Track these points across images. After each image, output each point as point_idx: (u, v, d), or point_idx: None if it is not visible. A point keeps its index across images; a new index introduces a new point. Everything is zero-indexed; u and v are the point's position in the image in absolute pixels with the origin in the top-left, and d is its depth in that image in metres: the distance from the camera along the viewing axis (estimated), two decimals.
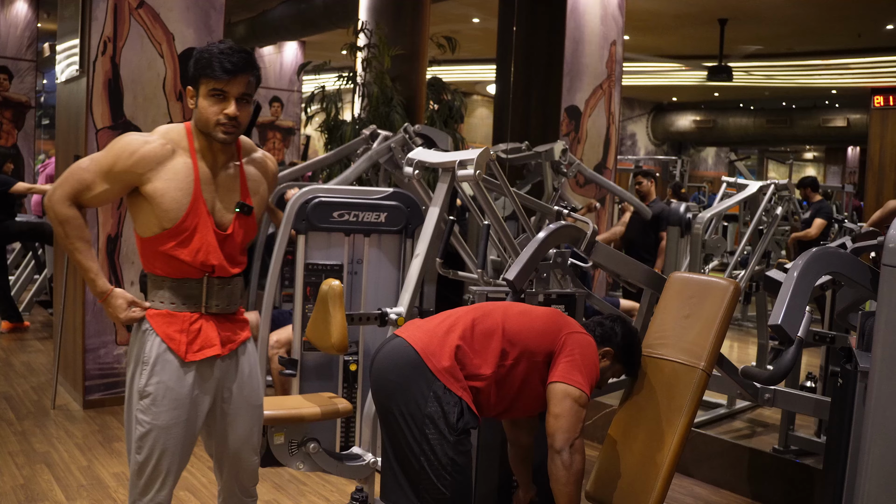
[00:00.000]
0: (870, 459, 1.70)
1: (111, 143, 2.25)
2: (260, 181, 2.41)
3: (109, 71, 4.91)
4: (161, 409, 2.27)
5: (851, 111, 18.32)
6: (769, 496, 4.02)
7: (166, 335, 2.27)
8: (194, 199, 2.23)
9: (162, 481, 2.30)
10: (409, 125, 5.11)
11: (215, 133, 2.22)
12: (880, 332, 1.66)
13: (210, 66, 2.18)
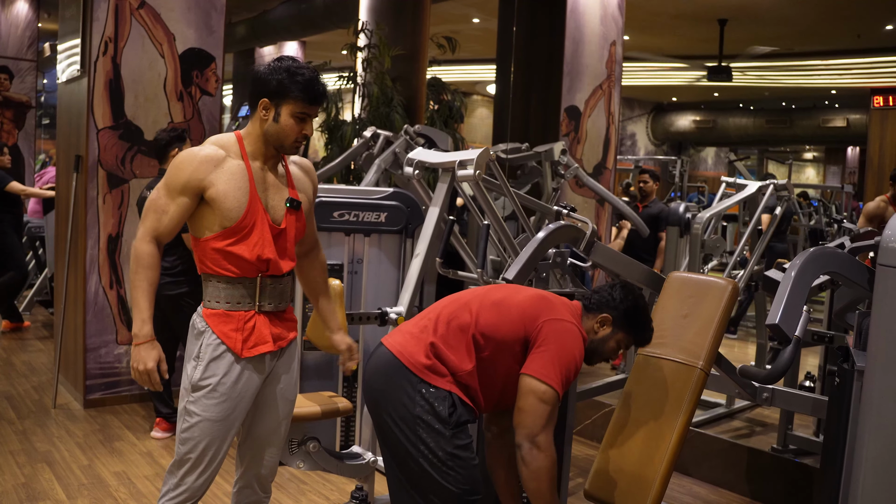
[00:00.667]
0: (865, 457, 1.71)
1: (174, 163, 2.38)
2: (304, 180, 2.57)
3: (110, 71, 4.92)
4: (212, 402, 2.38)
5: (851, 111, 18.34)
6: (768, 495, 4.03)
7: (222, 333, 2.39)
8: (251, 197, 2.38)
9: (201, 471, 2.41)
10: (409, 126, 5.12)
11: (291, 148, 2.42)
12: (875, 330, 1.68)
13: (303, 91, 2.34)
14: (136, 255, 2.34)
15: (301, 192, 2.52)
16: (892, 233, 1.65)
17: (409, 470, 2.43)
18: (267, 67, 2.38)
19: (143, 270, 2.33)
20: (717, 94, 18.77)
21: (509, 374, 2.47)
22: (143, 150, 5.03)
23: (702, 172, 22.92)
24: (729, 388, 4.28)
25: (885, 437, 1.67)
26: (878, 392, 1.68)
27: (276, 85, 2.34)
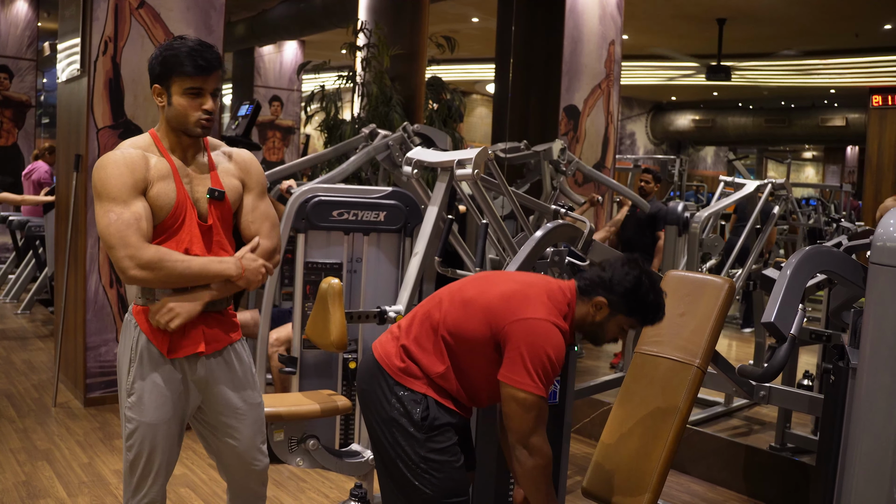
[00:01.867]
0: (858, 454, 1.73)
1: (100, 175, 2.21)
2: (230, 170, 2.40)
3: (110, 70, 4.93)
4: (147, 407, 2.28)
5: (850, 111, 18.36)
6: (766, 493, 4.05)
7: (150, 332, 2.27)
8: (179, 191, 2.26)
9: (153, 478, 2.32)
10: (409, 124, 5.13)
11: (194, 129, 2.26)
12: (868, 328, 1.69)
13: (183, 64, 2.20)
14: (153, 265, 2.16)
15: (226, 183, 2.36)
16: (884, 232, 1.67)
17: (392, 473, 2.39)
18: (153, 54, 2.26)
19: (175, 257, 2.20)
20: (716, 93, 18.79)
21: (489, 376, 2.36)
22: None
23: (701, 172, 22.94)
24: (726, 387, 4.30)
25: (876, 435, 1.69)
26: (870, 390, 1.70)
27: (159, 67, 2.23)
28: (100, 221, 2.18)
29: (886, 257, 1.66)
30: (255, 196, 2.42)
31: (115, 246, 2.15)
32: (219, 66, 2.25)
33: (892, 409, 1.67)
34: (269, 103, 13.68)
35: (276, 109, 13.77)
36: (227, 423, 2.41)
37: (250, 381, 2.46)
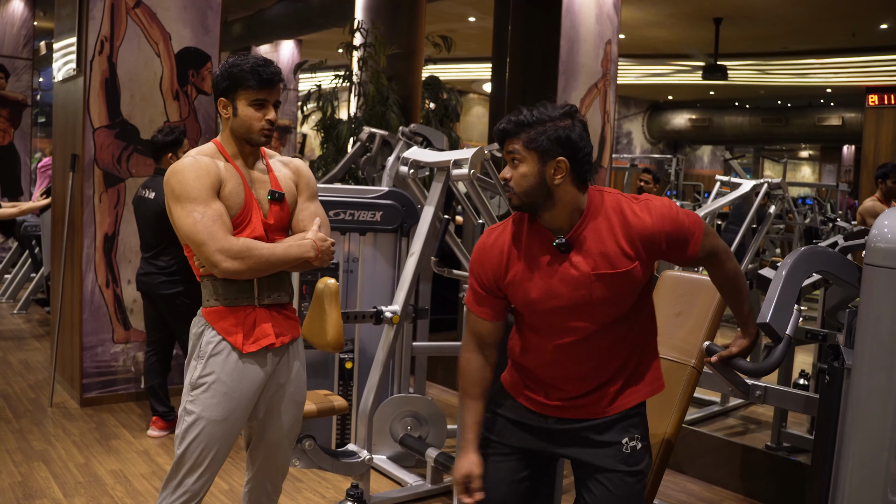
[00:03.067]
0: (852, 454, 1.73)
1: (178, 179, 2.32)
2: (286, 174, 2.56)
3: (106, 70, 4.93)
4: (212, 402, 2.37)
5: (846, 110, 18.39)
6: (762, 493, 4.06)
7: (223, 329, 2.38)
8: (247, 193, 2.41)
9: (201, 472, 2.39)
10: (404, 127, 5.15)
11: (258, 137, 2.42)
12: (862, 329, 1.70)
13: (248, 79, 2.36)
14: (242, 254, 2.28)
15: (284, 185, 2.52)
16: (878, 233, 1.67)
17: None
18: (218, 71, 2.43)
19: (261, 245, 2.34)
20: (712, 92, 18.80)
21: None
22: (140, 149, 5.04)
23: (698, 171, 22.96)
24: (722, 386, 4.31)
25: (870, 433, 1.69)
26: (864, 390, 1.70)
27: (225, 80, 2.39)
28: (184, 221, 2.30)
29: (881, 258, 1.67)
30: (307, 198, 2.58)
31: (205, 241, 2.27)
32: (280, 80, 2.43)
33: (886, 410, 1.67)
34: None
35: None
36: (276, 410, 2.53)
37: (303, 379, 2.60)
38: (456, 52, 8.38)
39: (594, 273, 1.99)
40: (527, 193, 2.00)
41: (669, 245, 2.01)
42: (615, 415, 2.11)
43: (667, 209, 2.01)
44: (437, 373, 5.81)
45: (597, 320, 2.04)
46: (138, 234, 4.53)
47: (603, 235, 2.00)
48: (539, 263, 2.05)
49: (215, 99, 2.44)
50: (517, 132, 2.02)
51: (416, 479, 3.96)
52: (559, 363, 2.10)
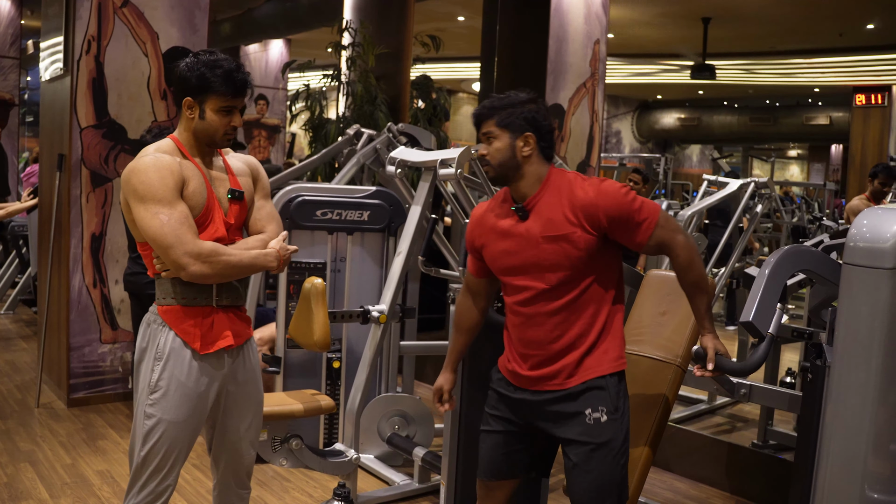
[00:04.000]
0: (832, 451, 1.75)
1: (141, 179, 2.27)
2: (244, 172, 2.53)
3: (94, 70, 4.92)
4: (171, 404, 2.35)
5: (834, 109, 18.46)
6: (748, 490, 4.08)
7: (182, 331, 2.36)
8: (209, 191, 2.38)
9: (165, 474, 2.38)
10: (393, 124, 5.14)
11: (222, 142, 2.40)
12: (840, 327, 1.72)
13: (222, 85, 2.32)
14: (208, 258, 2.27)
15: (243, 184, 2.50)
16: (856, 232, 1.69)
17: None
18: (185, 65, 2.34)
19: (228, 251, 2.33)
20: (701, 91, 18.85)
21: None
22: (127, 148, 5.03)
23: (686, 170, 23.02)
24: (708, 385, 4.33)
25: (849, 432, 1.71)
26: (843, 387, 1.72)
27: (196, 81, 2.32)
28: (150, 224, 2.25)
29: (858, 257, 1.68)
30: (262, 197, 2.57)
31: (172, 245, 2.24)
32: (250, 86, 2.41)
33: (864, 407, 1.69)
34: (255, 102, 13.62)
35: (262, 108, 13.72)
36: (234, 410, 2.52)
37: (259, 376, 2.60)
38: (445, 51, 8.38)
39: (542, 235, 2.31)
40: (501, 165, 2.35)
41: (611, 222, 2.26)
42: (577, 386, 2.32)
43: (614, 190, 2.27)
44: (425, 372, 5.81)
45: (546, 280, 2.32)
46: (126, 234, 4.52)
47: (553, 205, 2.31)
48: (503, 227, 2.40)
49: (179, 95, 2.36)
50: (491, 114, 2.37)
51: (404, 478, 3.97)
52: (524, 325, 2.39)
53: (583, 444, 2.30)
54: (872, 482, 1.72)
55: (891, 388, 1.70)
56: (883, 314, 1.66)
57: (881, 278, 1.65)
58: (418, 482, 3.90)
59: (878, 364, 1.68)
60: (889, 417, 1.71)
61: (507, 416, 2.47)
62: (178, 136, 2.41)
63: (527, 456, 2.51)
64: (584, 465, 2.30)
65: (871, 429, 1.69)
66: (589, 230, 2.26)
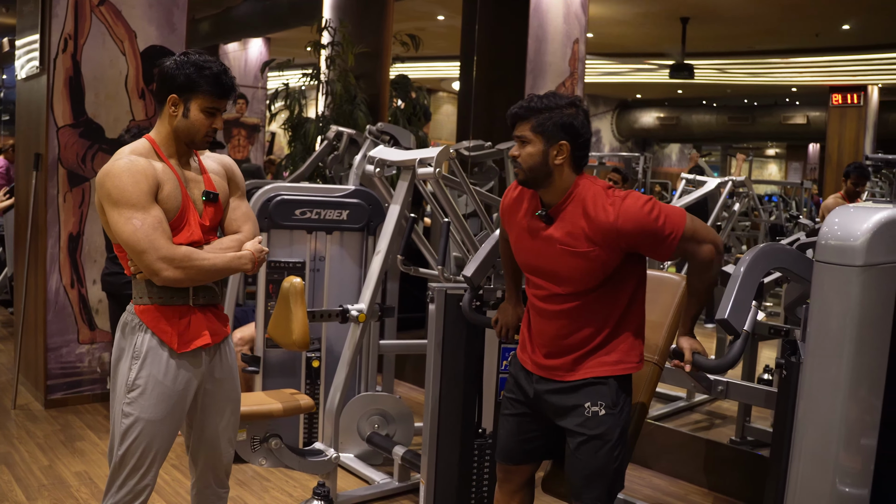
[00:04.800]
0: (804, 446, 1.77)
1: (115, 183, 2.27)
2: (219, 172, 2.54)
3: (70, 68, 4.88)
4: (149, 403, 2.35)
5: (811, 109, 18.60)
6: (726, 486, 4.11)
7: (158, 329, 2.36)
8: (184, 194, 2.38)
9: (143, 473, 2.37)
10: (371, 126, 5.15)
11: (202, 143, 2.41)
12: (812, 324, 1.74)
13: (211, 86, 2.34)
14: (181, 263, 2.27)
15: (217, 185, 2.50)
16: (828, 230, 1.71)
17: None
18: (173, 62, 2.35)
19: (200, 258, 2.33)
20: (680, 91, 18.95)
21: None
22: (105, 148, 5.00)
23: (666, 169, 23.12)
24: (686, 382, 4.36)
25: (821, 427, 1.73)
26: (814, 383, 1.74)
27: (183, 80, 2.33)
28: (123, 228, 2.26)
29: (828, 255, 1.71)
30: (238, 197, 2.58)
31: (146, 250, 2.25)
32: (235, 91, 2.43)
33: (835, 403, 1.71)
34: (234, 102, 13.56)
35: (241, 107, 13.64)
36: (212, 408, 2.53)
37: (236, 374, 2.60)
38: (424, 50, 8.39)
39: (561, 246, 2.31)
40: (531, 170, 2.31)
41: (633, 242, 2.25)
42: (579, 380, 2.38)
43: (637, 209, 2.22)
44: (405, 371, 5.82)
45: (562, 286, 2.35)
46: (103, 234, 4.49)
47: (575, 218, 2.29)
48: (529, 226, 2.41)
49: (162, 92, 2.36)
50: (527, 116, 2.31)
51: (384, 476, 3.97)
52: (540, 316, 2.44)
53: (579, 435, 2.37)
54: (843, 476, 1.74)
55: (861, 383, 1.72)
56: (853, 311, 1.68)
57: (851, 276, 1.68)
58: (398, 481, 3.90)
59: (848, 360, 1.70)
60: (859, 412, 1.73)
61: (522, 399, 2.54)
62: (155, 135, 2.41)
63: (543, 441, 2.57)
64: (579, 453, 2.38)
65: (842, 424, 1.72)
66: (609, 250, 2.26)
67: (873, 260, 1.68)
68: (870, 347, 1.71)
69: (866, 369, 1.72)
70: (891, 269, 1.71)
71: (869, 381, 1.72)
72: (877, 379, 1.73)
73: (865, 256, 1.67)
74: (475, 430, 3.23)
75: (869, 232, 1.67)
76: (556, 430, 2.52)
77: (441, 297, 3.17)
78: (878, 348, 1.72)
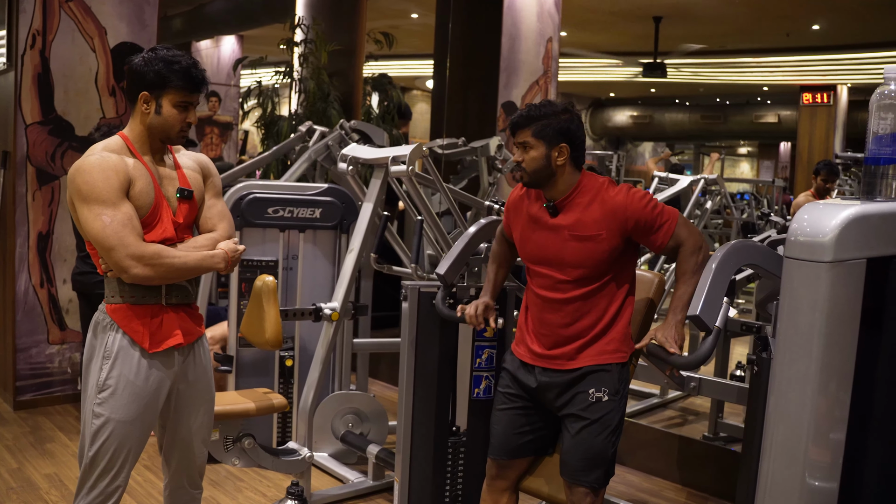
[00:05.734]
0: (774, 441, 1.79)
1: (85, 179, 2.25)
2: (194, 169, 2.53)
3: (39, 65, 4.82)
4: (120, 403, 2.32)
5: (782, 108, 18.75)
6: (699, 482, 4.14)
7: (131, 330, 2.34)
8: (157, 191, 2.36)
9: (114, 474, 2.35)
10: (345, 121, 5.13)
11: (177, 138, 2.40)
12: (782, 320, 1.75)
13: (181, 80, 2.33)
14: (151, 260, 2.25)
15: (192, 181, 2.49)
16: (797, 226, 1.72)
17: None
18: (142, 59, 2.34)
19: (171, 256, 2.31)
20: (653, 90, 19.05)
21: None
22: (75, 146, 4.94)
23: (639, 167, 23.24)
24: (660, 379, 4.39)
25: (790, 423, 1.75)
26: (784, 379, 1.76)
27: (153, 76, 2.32)
28: (92, 225, 2.24)
29: (798, 251, 1.72)
30: (213, 195, 2.56)
31: (114, 247, 2.23)
32: (207, 84, 2.42)
33: (804, 398, 1.73)
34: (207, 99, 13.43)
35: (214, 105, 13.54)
36: (185, 409, 2.51)
37: (210, 374, 2.59)
38: (398, 48, 8.37)
39: (569, 233, 2.50)
40: (535, 172, 2.52)
41: (636, 226, 2.47)
42: (582, 368, 2.52)
43: (640, 197, 2.49)
44: (379, 369, 5.81)
45: (567, 273, 2.51)
46: (74, 233, 4.44)
47: (584, 207, 2.50)
48: (535, 217, 2.59)
49: (133, 90, 2.35)
50: (528, 124, 2.53)
51: (358, 475, 3.96)
52: (544, 306, 2.57)
53: (582, 419, 2.51)
54: (813, 470, 1.76)
55: (830, 378, 1.74)
56: (822, 307, 1.69)
57: (820, 272, 1.69)
58: (372, 479, 3.89)
59: (817, 356, 1.71)
60: (828, 407, 1.75)
61: (519, 393, 2.66)
62: (129, 132, 2.39)
63: (538, 435, 2.69)
64: (581, 437, 2.51)
65: (812, 419, 1.73)
66: (615, 233, 2.47)
67: (842, 256, 1.69)
68: (839, 343, 1.73)
69: (835, 364, 1.73)
70: (859, 265, 1.73)
71: (838, 376, 1.74)
72: (845, 374, 1.75)
73: (834, 252, 1.69)
74: (449, 429, 3.23)
75: (838, 228, 1.69)
76: (551, 424, 2.67)
77: (415, 295, 3.16)
78: (846, 344, 1.74)
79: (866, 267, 1.74)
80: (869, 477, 1.85)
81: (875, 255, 1.76)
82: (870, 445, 1.84)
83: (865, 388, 1.79)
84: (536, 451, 2.74)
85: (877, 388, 1.81)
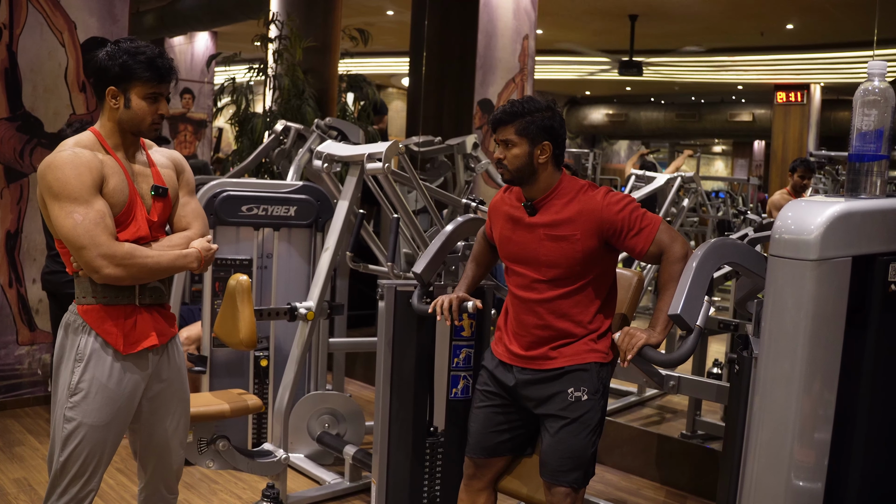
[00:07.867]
0: (758, 441, 1.77)
1: (56, 176, 2.19)
2: (168, 166, 2.48)
3: (6, 59, 4.73)
4: (92, 407, 2.27)
5: (756, 106, 18.88)
6: (677, 480, 4.13)
7: (102, 330, 2.28)
8: (131, 188, 2.31)
9: (86, 480, 2.30)
10: (320, 120, 5.08)
11: (149, 131, 2.35)
12: (766, 318, 1.73)
13: (146, 71, 2.27)
14: (124, 261, 2.20)
15: (167, 180, 2.44)
16: (781, 224, 1.71)
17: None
18: (105, 54, 2.29)
19: (144, 256, 2.26)
20: (629, 88, 19.12)
21: None
22: (44, 142, 4.85)
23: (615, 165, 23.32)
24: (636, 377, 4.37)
25: (774, 420, 1.73)
26: (769, 378, 1.74)
27: (118, 70, 2.27)
28: (63, 223, 2.19)
29: (783, 249, 1.70)
30: (187, 193, 2.52)
31: (86, 246, 2.18)
32: (175, 73, 2.36)
33: (789, 398, 1.71)
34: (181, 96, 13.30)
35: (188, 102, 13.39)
36: (160, 411, 2.46)
37: (185, 374, 2.54)
38: (374, 45, 8.32)
39: (544, 232, 2.48)
40: (517, 170, 2.49)
41: (614, 230, 2.43)
42: (560, 368, 2.50)
43: (618, 199, 2.46)
44: (355, 369, 5.76)
45: (543, 273, 2.49)
46: (44, 231, 4.36)
47: (561, 207, 2.48)
48: (514, 217, 2.57)
49: (100, 86, 2.31)
50: (511, 120, 2.48)
51: (335, 476, 3.92)
52: (521, 306, 2.55)
53: (561, 419, 2.49)
54: (797, 470, 1.74)
55: (815, 377, 1.72)
56: (807, 305, 1.68)
57: (806, 269, 1.67)
58: (349, 481, 3.85)
59: (803, 354, 1.70)
60: (813, 407, 1.73)
61: (497, 391, 2.63)
62: (100, 128, 2.34)
63: (516, 434, 2.67)
64: (560, 436, 2.49)
65: (797, 418, 1.71)
66: (590, 234, 2.44)
67: (827, 254, 1.68)
68: (823, 341, 1.71)
69: (820, 363, 1.72)
70: (844, 263, 1.71)
71: (823, 375, 1.72)
72: (830, 373, 1.73)
73: (820, 250, 1.67)
74: (427, 429, 3.19)
75: (823, 226, 1.67)
76: (529, 423, 2.65)
77: (391, 293, 3.12)
78: (831, 342, 1.72)
79: (851, 265, 1.73)
80: (854, 477, 1.84)
81: (860, 253, 1.74)
82: (855, 445, 1.82)
83: (851, 387, 1.77)
84: (514, 451, 2.72)
85: (862, 388, 1.80)
